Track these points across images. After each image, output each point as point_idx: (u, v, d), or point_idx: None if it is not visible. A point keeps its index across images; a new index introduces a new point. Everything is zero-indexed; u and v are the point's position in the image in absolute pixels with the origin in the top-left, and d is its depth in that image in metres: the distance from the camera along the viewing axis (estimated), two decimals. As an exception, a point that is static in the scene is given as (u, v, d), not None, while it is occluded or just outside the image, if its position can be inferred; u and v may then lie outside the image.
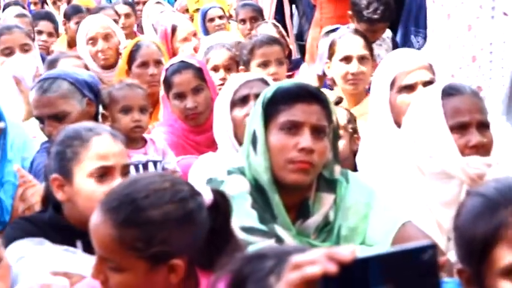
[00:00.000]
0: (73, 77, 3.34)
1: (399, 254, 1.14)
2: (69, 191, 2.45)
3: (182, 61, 3.91)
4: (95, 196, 2.37)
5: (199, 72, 3.85)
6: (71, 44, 6.25)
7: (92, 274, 1.95)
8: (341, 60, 4.10)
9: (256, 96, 3.08)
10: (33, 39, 4.61)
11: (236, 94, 3.21)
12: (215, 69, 4.38)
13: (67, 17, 6.54)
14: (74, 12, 6.53)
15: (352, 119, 3.62)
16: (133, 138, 3.54)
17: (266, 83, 3.24)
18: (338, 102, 3.69)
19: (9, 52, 4.40)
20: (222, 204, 2.01)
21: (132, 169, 3.19)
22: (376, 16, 4.97)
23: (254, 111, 2.48)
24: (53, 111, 3.26)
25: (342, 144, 3.43)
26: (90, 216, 2.33)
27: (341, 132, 3.33)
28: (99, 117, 3.56)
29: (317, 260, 1.13)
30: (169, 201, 1.91)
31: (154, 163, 3.60)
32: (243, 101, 3.19)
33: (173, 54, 5.20)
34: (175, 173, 3.57)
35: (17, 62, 4.18)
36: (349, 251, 1.12)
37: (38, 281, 2.16)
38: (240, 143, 3.05)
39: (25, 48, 4.43)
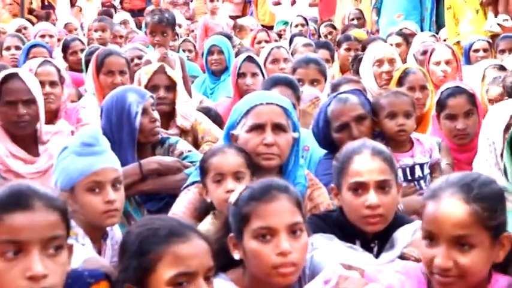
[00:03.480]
0: None
1: None
2: (341, 199, 2.64)
3: (457, 86, 3.93)
4: (352, 206, 2.58)
5: (471, 98, 3.86)
6: (342, 68, 6.50)
7: (441, 263, 2.05)
8: None
9: None
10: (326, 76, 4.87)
11: None
12: None
13: (338, 44, 6.82)
14: (344, 40, 6.78)
15: None
16: (399, 141, 3.54)
17: None
18: None
19: (301, 83, 4.61)
20: None
21: (399, 172, 3.25)
22: None
23: None
24: None
25: None
26: (356, 222, 2.55)
27: None
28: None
29: None
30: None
31: (421, 166, 3.59)
32: None
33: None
34: (438, 165, 3.62)
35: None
36: None
37: (338, 272, 2.25)
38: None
39: (314, 83, 4.69)
